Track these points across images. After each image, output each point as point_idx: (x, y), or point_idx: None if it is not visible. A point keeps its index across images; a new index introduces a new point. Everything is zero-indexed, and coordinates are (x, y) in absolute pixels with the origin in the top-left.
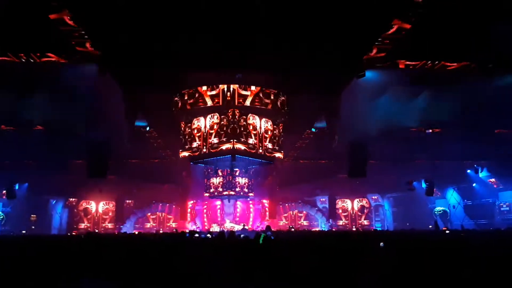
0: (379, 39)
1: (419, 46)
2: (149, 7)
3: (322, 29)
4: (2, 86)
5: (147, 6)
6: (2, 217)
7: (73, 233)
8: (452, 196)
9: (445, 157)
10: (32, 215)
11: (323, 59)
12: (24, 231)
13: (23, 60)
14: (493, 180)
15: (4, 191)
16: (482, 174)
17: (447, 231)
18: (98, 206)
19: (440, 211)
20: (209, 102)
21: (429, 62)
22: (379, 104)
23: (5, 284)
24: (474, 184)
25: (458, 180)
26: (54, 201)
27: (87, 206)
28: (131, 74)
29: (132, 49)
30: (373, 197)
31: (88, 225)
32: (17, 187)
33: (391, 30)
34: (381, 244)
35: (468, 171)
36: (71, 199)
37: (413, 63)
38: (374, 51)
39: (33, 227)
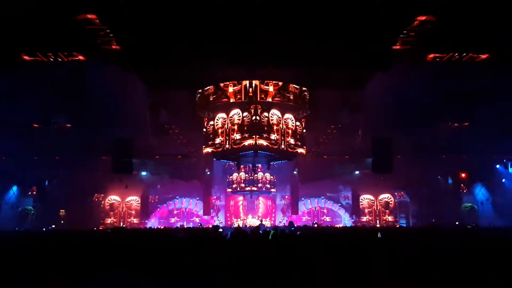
0: (404, 32)
1: (446, 38)
2: (172, 6)
3: (345, 22)
4: (32, 85)
5: (170, 5)
6: (33, 212)
7: (100, 228)
8: (480, 192)
9: (473, 151)
10: (61, 210)
11: (346, 53)
12: (53, 226)
13: (51, 60)
14: None
15: (35, 188)
16: None
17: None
18: (124, 202)
19: (467, 207)
20: (232, 98)
21: (456, 54)
22: (403, 97)
23: (35, 277)
24: (503, 180)
25: (486, 176)
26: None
27: (113, 201)
28: (154, 71)
29: (155, 47)
30: (398, 193)
31: (114, 220)
32: (46, 183)
33: (416, 23)
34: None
35: (497, 166)
36: (97, 194)
37: (440, 55)
38: (399, 44)
39: (62, 222)
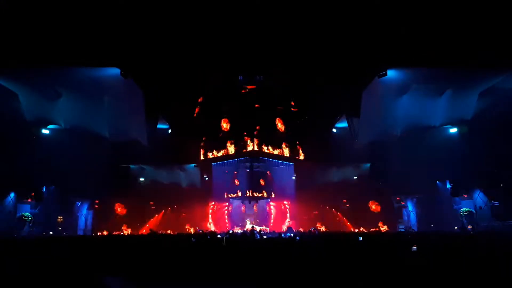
0: (397, 40)
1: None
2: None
3: (341, 28)
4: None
5: (167, 15)
6: (30, 218)
7: (98, 234)
8: (479, 196)
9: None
10: (59, 217)
11: (344, 58)
12: (51, 232)
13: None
14: None
15: (33, 193)
16: None
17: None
18: (122, 208)
19: (465, 212)
20: (231, 106)
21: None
22: (402, 103)
23: (33, 283)
24: (501, 184)
25: (484, 181)
26: (80, 203)
27: (112, 207)
28: (153, 78)
29: (154, 54)
30: (396, 198)
31: (113, 226)
32: (44, 189)
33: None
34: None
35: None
36: (96, 201)
37: (436, 63)
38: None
39: (60, 228)
